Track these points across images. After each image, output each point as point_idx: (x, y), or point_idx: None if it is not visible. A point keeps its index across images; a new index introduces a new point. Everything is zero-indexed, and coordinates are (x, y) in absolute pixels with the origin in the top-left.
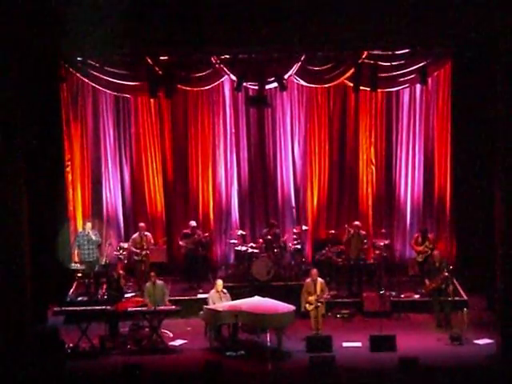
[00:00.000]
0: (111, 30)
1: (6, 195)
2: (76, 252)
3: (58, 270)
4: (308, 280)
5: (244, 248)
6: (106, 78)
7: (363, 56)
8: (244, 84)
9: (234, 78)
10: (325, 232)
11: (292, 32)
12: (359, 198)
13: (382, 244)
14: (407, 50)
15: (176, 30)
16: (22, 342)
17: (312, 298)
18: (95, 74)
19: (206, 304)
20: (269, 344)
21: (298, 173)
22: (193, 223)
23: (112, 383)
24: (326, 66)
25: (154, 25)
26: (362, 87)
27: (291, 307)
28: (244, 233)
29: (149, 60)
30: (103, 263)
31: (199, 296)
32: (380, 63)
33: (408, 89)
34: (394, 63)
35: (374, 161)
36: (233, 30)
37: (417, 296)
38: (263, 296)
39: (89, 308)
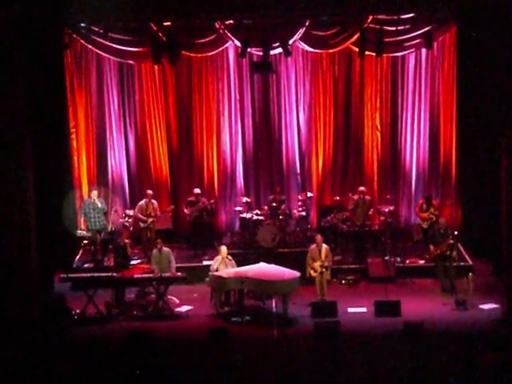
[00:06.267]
0: None
1: (11, 163)
2: (82, 220)
3: (64, 237)
4: (313, 246)
5: (249, 215)
6: (109, 44)
7: (368, 21)
8: (248, 50)
9: (238, 43)
10: (330, 198)
11: None
12: (364, 164)
13: (386, 210)
14: (412, 15)
15: None
16: (29, 308)
17: (317, 264)
18: (99, 40)
19: (212, 271)
20: (274, 310)
21: (303, 139)
22: (197, 190)
23: (118, 349)
24: (330, 31)
25: None
26: (367, 52)
27: (296, 273)
28: (249, 200)
29: (152, 26)
30: (109, 230)
31: (205, 263)
32: (385, 28)
33: (413, 54)
34: (399, 28)
35: (379, 126)
36: None
37: (422, 261)
38: (268, 262)
39: (95, 275)
